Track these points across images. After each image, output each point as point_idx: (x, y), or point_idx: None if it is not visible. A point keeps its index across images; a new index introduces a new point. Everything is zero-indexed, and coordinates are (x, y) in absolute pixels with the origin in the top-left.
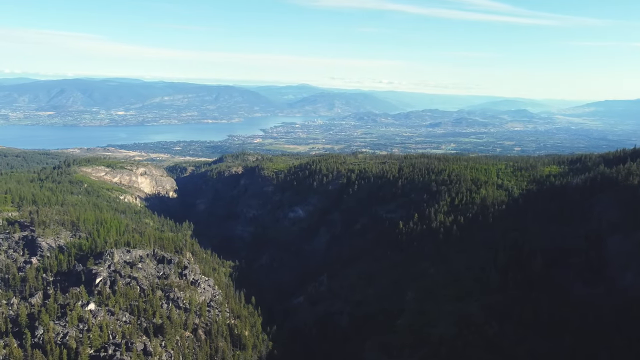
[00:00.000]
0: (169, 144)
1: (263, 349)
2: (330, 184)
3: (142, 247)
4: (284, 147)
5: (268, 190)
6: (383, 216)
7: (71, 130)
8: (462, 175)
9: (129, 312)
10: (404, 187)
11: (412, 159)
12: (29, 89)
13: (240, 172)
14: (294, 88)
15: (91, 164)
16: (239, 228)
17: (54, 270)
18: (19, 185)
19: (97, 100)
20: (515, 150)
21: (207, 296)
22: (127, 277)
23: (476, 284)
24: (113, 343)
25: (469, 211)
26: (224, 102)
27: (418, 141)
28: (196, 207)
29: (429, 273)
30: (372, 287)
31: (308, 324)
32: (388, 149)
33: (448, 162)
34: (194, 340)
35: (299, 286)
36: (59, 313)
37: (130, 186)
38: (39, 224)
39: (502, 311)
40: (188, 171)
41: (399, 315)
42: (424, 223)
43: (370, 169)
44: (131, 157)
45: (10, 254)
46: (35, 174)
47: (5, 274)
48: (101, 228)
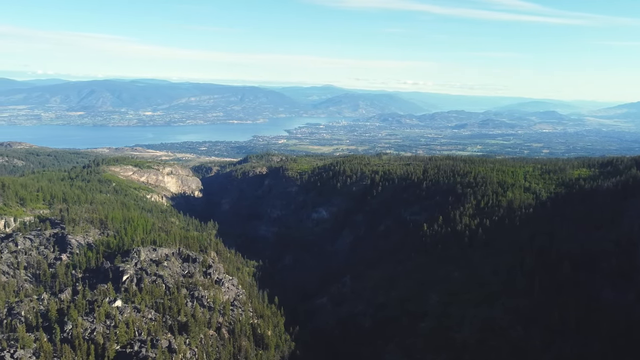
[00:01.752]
0: (194, 144)
1: (285, 349)
2: (354, 185)
3: (167, 246)
4: (308, 147)
5: (292, 191)
6: (407, 218)
7: (100, 130)
8: (488, 177)
9: (154, 309)
10: (428, 189)
11: (437, 160)
12: (61, 89)
13: (265, 173)
14: (318, 89)
15: (119, 163)
16: (262, 228)
17: (82, 267)
18: (50, 183)
19: (125, 101)
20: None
21: (231, 295)
22: (153, 275)
23: (501, 287)
24: (139, 340)
25: (495, 214)
26: (249, 102)
27: (443, 143)
28: (221, 206)
29: (453, 276)
30: (396, 289)
31: (330, 324)
32: (413, 150)
33: (474, 164)
34: (218, 338)
35: (321, 287)
36: (87, 309)
37: (157, 185)
38: (69, 222)
39: (527, 315)
40: (213, 171)
41: (422, 318)
42: (449, 226)
43: (394, 171)
44: (158, 157)
45: (42, 251)
46: (65, 173)
47: (37, 270)
48: (128, 226)
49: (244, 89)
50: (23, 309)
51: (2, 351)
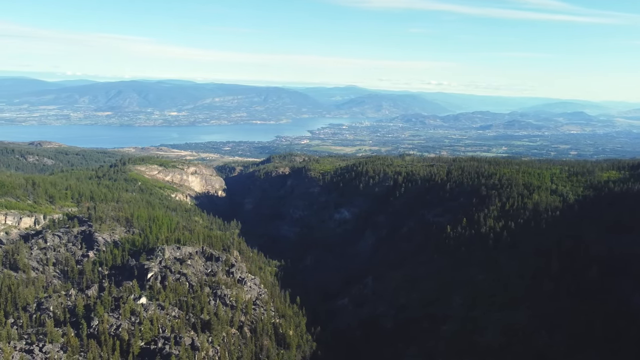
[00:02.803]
0: (218, 144)
1: (307, 349)
2: (377, 186)
3: (191, 245)
4: (331, 148)
5: (314, 191)
6: (430, 220)
7: (127, 130)
8: (514, 179)
9: (178, 307)
10: (452, 190)
11: (461, 162)
12: (89, 90)
13: (287, 173)
14: (341, 89)
15: (145, 162)
16: (285, 228)
17: (109, 264)
18: (79, 182)
19: (151, 101)
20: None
21: (253, 294)
22: (176, 273)
23: (526, 291)
24: (162, 337)
25: (521, 217)
26: (272, 103)
27: (467, 144)
28: (244, 206)
29: (477, 279)
30: (418, 291)
31: (352, 325)
32: (436, 151)
33: (499, 166)
34: (240, 337)
35: (343, 288)
36: (112, 305)
37: (181, 185)
38: (96, 220)
39: (553, 321)
40: (236, 171)
41: (444, 321)
42: (473, 228)
43: (417, 172)
44: (183, 156)
45: (70, 248)
46: (93, 172)
47: (65, 267)
48: (153, 225)
49: (267, 89)
50: (52, 304)
51: (32, 345)
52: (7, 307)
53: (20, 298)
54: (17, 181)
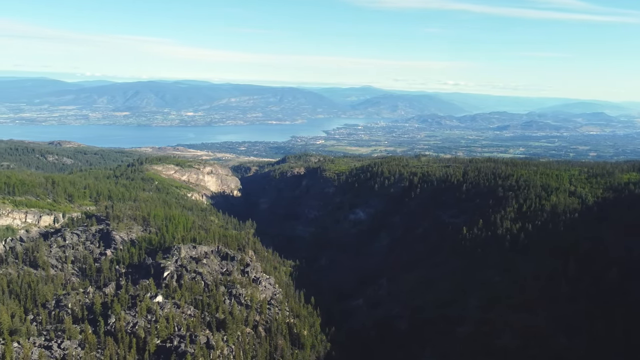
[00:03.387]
0: (234, 144)
1: (321, 349)
2: (392, 186)
3: (207, 244)
4: (346, 148)
5: (329, 192)
6: (446, 221)
7: (144, 130)
8: (531, 180)
9: (193, 305)
10: (468, 191)
11: (478, 162)
12: (107, 90)
13: (302, 173)
14: (357, 90)
15: (162, 162)
16: (299, 228)
17: (126, 262)
18: (97, 181)
19: (168, 102)
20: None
21: (268, 294)
22: (192, 272)
23: (544, 294)
24: (178, 335)
25: (538, 218)
26: (287, 103)
27: (484, 144)
28: (259, 206)
29: (493, 281)
30: (433, 292)
31: (367, 326)
32: (452, 152)
33: (516, 167)
34: (254, 336)
35: (358, 288)
36: (129, 303)
37: (197, 184)
38: (113, 218)
39: (571, 324)
40: (252, 171)
41: (460, 322)
42: (489, 229)
43: (433, 172)
44: (199, 156)
45: (88, 246)
46: (111, 171)
47: (83, 264)
48: (170, 224)
49: (282, 89)
50: (70, 301)
51: (50, 341)
52: (27, 304)
53: (40, 295)
54: (37, 180)
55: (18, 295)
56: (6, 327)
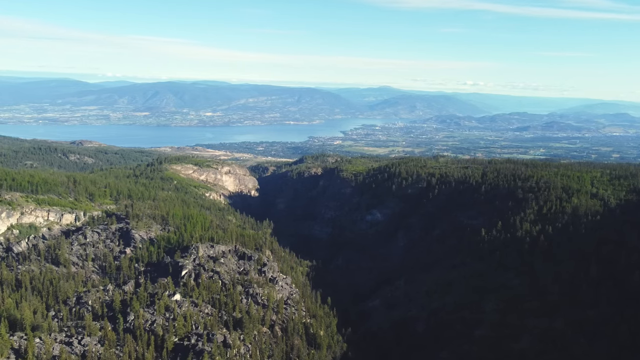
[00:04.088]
0: (252, 144)
1: (337, 349)
2: (410, 187)
3: (224, 243)
4: (364, 149)
5: (346, 192)
6: (464, 222)
7: (163, 129)
8: (552, 182)
9: (211, 304)
10: (487, 193)
11: (497, 164)
12: (128, 91)
13: (320, 173)
14: (374, 90)
15: (180, 162)
16: (316, 228)
17: (145, 260)
18: (117, 180)
19: (187, 102)
20: (613, 157)
21: (285, 294)
22: (210, 271)
23: (564, 298)
24: (196, 333)
25: (559, 221)
26: (305, 104)
27: (504, 145)
28: (276, 206)
29: (512, 284)
30: (450, 294)
31: (383, 327)
32: (471, 153)
33: (536, 168)
34: (271, 336)
35: (374, 289)
36: (148, 301)
37: (215, 184)
38: (133, 217)
39: (592, 329)
40: (269, 171)
41: (478, 325)
42: (508, 231)
43: (451, 174)
44: (217, 156)
45: (108, 244)
46: (131, 171)
47: (103, 262)
48: (188, 223)
49: (300, 90)
50: (90, 298)
51: (71, 338)
52: (49, 300)
53: (61, 292)
54: (60, 179)
55: (40, 291)
56: (28, 322)
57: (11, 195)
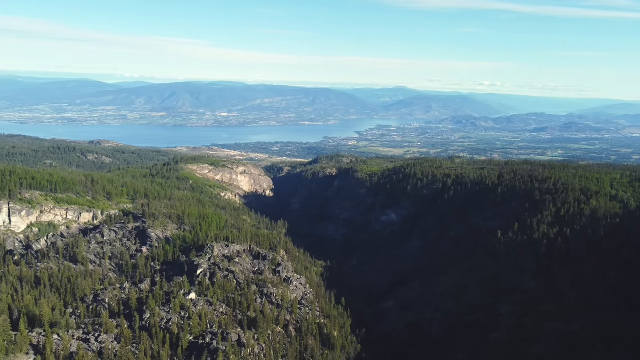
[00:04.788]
0: (267, 144)
1: (351, 350)
2: (425, 188)
3: (239, 243)
4: (379, 149)
5: (361, 193)
6: (480, 224)
7: (180, 130)
8: (570, 184)
9: (225, 303)
10: (503, 194)
11: (514, 165)
12: (145, 91)
13: (334, 174)
14: (390, 90)
15: (196, 162)
16: (331, 229)
17: (160, 259)
18: (134, 179)
19: (203, 102)
20: (634, 158)
21: (299, 294)
22: (225, 270)
23: (582, 302)
24: (210, 332)
25: (577, 223)
26: (320, 104)
27: (521, 147)
28: (291, 206)
29: (528, 287)
30: (466, 296)
31: (398, 328)
32: (487, 154)
33: (554, 170)
34: (285, 336)
35: (389, 290)
36: (163, 300)
37: (231, 184)
38: (149, 216)
39: (611, 333)
40: (284, 171)
41: (493, 328)
42: (525, 234)
43: (467, 175)
44: (232, 156)
45: (125, 243)
46: (147, 170)
47: (120, 260)
48: (203, 222)
49: (315, 90)
50: (107, 296)
51: (88, 335)
52: (67, 298)
53: (79, 289)
54: (78, 178)
55: (58, 289)
56: (47, 319)
57: (31, 193)
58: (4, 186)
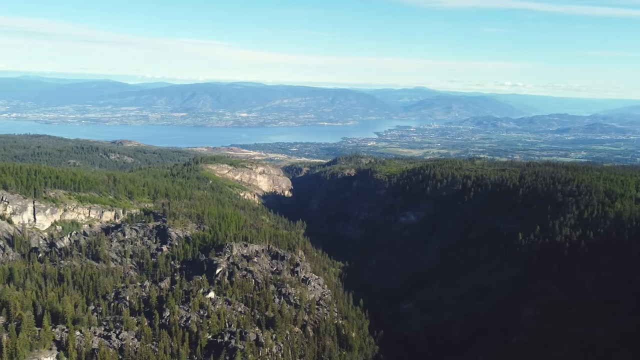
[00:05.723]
0: (286, 144)
1: (369, 352)
2: (444, 190)
3: (258, 243)
4: (398, 150)
5: (380, 194)
6: (500, 226)
7: (200, 130)
8: (594, 186)
9: (244, 303)
10: (525, 196)
11: (536, 166)
12: (166, 92)
13: (353, 175)
14: (409, 91)
15: (216, 162)
16: (349, 229)
17: (180, 258)
18: (155, 179)
19: (223, 103)
20: None
21: (317, 294)
22: (243, 270)
23: (605, 306)
24: (229, 331)
25: (601, 226)
26: (339, 105)
27: (543, 148)
28: (309, 206)
29: (550, 291)
30: (486, 300)
31: (416, 331)
32: (509, 155)
33: (577, 172)
34: (303, 336)
35: (407, 292)
36: (183, 298)
37: (250, 184)
38: (169, 216)
39: (636, 338)
40: (303, 171)
41: (515, 332)
42: (547, 236)
43: (488, 176)
44: (251, 156)
45: (145, 241)
46: (168, 170)
47: (140, 259)
48: (222, 222)
49: (334, 91)
50: (128, 294)
51: (109, 332)
52: (89, 295)
53: (101, 287)
54: (100, 177)
55: (81, 286)
56: (70, 316)
57: (55, 192)
58: (30, 185)
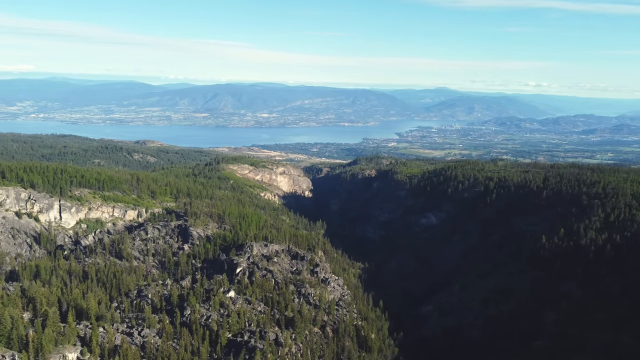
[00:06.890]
0: (306, 145)
1: (389, 353)
2: (466, 191)
3: (278, 243)
4: (419, 151)
5: (400, 195)
6: (523, 229)
7: (221, 130)
8: (620, 188)
9: (263, 302)
10: (549, 198)
11: (560, 168)
12: (188, 93)
13: (374, 175)
14: (431, 91)
15: (237, 162)
16: (369, 230)
17: (201, 257)
18: (177, 179)
19: (244, 104)
20: None
21: (336, 295)
22: (263, 270)
23: (632, 312)
24: (248, 330)
25: (627, 230)
26: (360, 105)
27: (568, 149)
28: (329, 207)
29: (574, 295)
30: (508, 303)
31: (437, 333)
32: (532, 156)
33: (603, 174)
34: (322, 336)
35: (428, 294)
36: (204, 297)
37: (270, 184)
38: (191, 215)
39: None
40: (323, 172)
41: (537, 336)
42: (571, 239)
43: (510, 178)
44: (272, 157)
45: (167, 240)
46: (190, 170)
47: (162, 258)
48: (243, 222)
49: (355, 91)
50: (150, 292)
51: (132, 329)
52: (112, 292)
53: (124, 284)
54: (124, 177)
55: (104, 283)
56: (93, 312)
57: (80, 191)
58: (56, 184)
